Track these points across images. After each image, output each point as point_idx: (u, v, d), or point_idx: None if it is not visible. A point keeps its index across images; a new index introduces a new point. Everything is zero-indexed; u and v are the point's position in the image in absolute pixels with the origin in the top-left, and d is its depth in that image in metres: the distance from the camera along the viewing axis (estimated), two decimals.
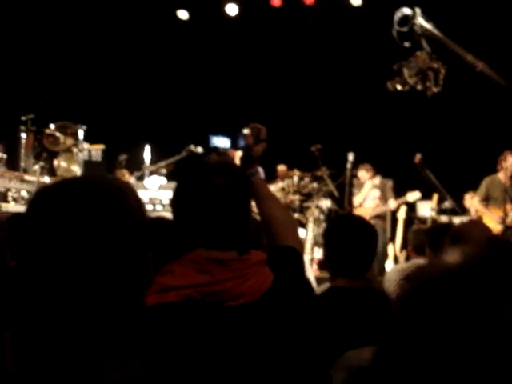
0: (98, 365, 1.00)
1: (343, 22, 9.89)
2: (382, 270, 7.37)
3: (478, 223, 3.07)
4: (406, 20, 3.42)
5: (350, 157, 8.06)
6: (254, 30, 10.42)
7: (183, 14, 10.57)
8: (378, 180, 8.67)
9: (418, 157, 7.41)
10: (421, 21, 3.40)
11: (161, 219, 2.68)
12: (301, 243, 1.99)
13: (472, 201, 7.94)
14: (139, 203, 1.10)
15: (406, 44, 3.49)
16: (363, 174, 8.75)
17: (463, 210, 8.23)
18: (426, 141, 8.86)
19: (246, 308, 1.52)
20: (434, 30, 3.49)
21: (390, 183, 8.75)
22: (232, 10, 10.41)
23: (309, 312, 1.69)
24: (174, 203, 1.67)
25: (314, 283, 4.14)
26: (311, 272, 5.55)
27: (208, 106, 10.71)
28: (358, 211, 8.65)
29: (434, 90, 3.50)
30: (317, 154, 8.56)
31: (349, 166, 8.10)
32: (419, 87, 3.55)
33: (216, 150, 2.03)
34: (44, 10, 9.78)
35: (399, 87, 3.59)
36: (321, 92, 10.29)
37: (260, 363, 1.51)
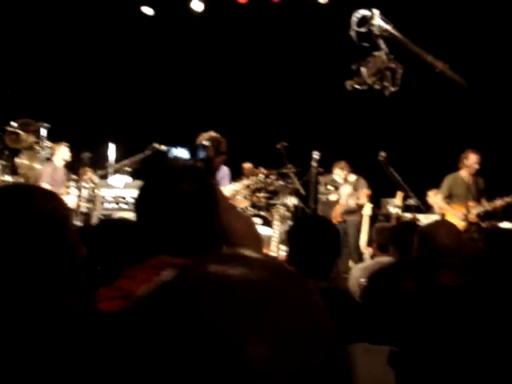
0: None
1: (308, 20, 9.92)
2: (347, 267, 7.42)
3: (445, 223, 3.11)
4: (365, 21, 3.45)
5: (315, 155, 8.11)
6: (220, 27, 10.39)
7: (148, 11, 10.47)
8: (354, 177, 8.77)
9: (381, 155, 7.48)
10: (379, 22, 3.43)
11: (122, 221, 2.65)
12: (263, 252, 1.96)
13: (435, 198, 8.06)
14: (50, 208, 1.08)
15: (365, 44, 3.52)
16: (338, 172, 8.85)
17: (427, 208, 8.34)
18: (390, 139, 8.96)
19: None
20: (393, 31, 3.53)
21: (362, 180, 8.85)
22: (197, 6, 10.34)
23: None
24: (139, 206, 1.63)
25: None
26: None
27: (171, 102, 10.65)
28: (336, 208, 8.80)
29: (392, 89, 3.56)
30: (282, 151, 8.58)
31: (314, 163, 8.14)
32: (377, 86, 3.58)
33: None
34: (5, 6, 9.59)
35: (358, 86, 3.63)
36: (286, 90, 10.31)
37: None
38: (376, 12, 3.50)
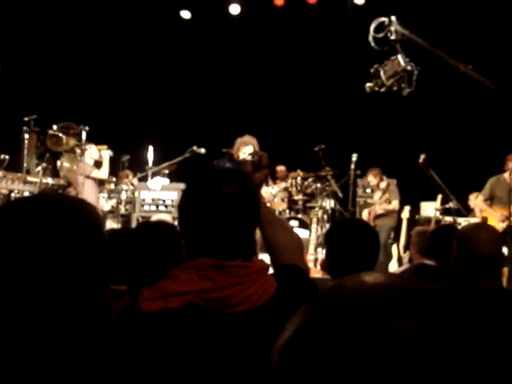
0: None
1: (346, 21, 9.87)
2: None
3: (484, 225, 3.04)
4: (382, 27, 3.68)
5: (354, 157, 8.07)
6: (257, 29, 10.41)
7: (186, 14, 10.56)
8: (385, 184, 8.67)
9: (422, 157, 7.40)
10: (396, 27, 3.63)
11: (161, 223, 2.68)
12: (306, 265, 1.97)
13: (476, 201, 7.92)
14: (89, 220, 1.09)
15: (385, 48, 3.76)
16: (371, 178, 8.79)
17: (468, 211, 8.20)
18: (431, 141, 8.85)
19: (247, 315, 1.50)
20: (411, 35, 3.71)
21: (394, 183, 8.76)
22: (234, 9, 10.39)
23: None
24: (180, 208, 1.65)
25: None
26: None
27: (209, 104, 10.71)
28: (366, 210, 8.73)
29: (408, 90, 3.77)
30: (320, 153, 8.55)
31: (353, 166, 8.10)
32: (395, 88, 3.79)
33: (227, 154, 2.03)
34: (46, 10, 9.79)
35: (376, 89, 3.84)
36: (325, 92, 10.27)
37: (260, 370, 1.50)
38: (393, 18, 3.69)
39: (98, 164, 8.20)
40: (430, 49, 3.70)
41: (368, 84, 3.85)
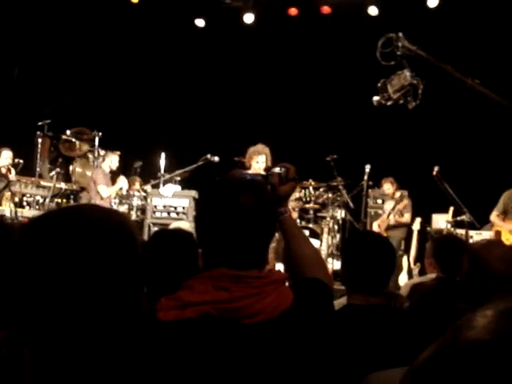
0: None
1: (360, 32, 9.87)
2: (396, 284, 7.30)
3: (496, 244, 2.99)
4: (390, 42, 3.79)
5: (367, 168, 8.04)
6: (270, 39, 10.42)
7: (200, 23, 10.59)
8: (398, 194, 8.64)
9: (436, 169, 7.37)
10: (404, 43, 3.74)
11: (177, 231, 2.68)
12: (331, 279, 1.97)
13: (490, 216, 7.86)
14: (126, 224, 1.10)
15: (392, 63, 3.90)
16: (388, 186, 8.75)
17: (481, 224, 8.14)
18: (443, 154, 8.80)
19: (262, 326, 1.50)
20: (419, 51, 3.82)
21: (406, 194, 8.72)
22: (249, 18, 10.41)
23: (327, 333, 1.65)
24: (198, 218, 1.65)
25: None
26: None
27: (223, 113, 10.72)
28: (376, 222, 8.68)
29: (414, 103, 3.89)
30: (332, 164, 8.54)
31: (366, 177, 8.07)
32: (401, 101, 3.91)
33: (239, 163, 2.03)
34: (63, 17, 9.85)
35: (383, 102, 3.96)
36: (338, 102, 10.25)
37: (275, 381, 1.50)
38: (400, 34, 3.79)
39: (112, 174, 8.26)
40: (437, 63, 3.77)
41: (375, 98, 3.96)
